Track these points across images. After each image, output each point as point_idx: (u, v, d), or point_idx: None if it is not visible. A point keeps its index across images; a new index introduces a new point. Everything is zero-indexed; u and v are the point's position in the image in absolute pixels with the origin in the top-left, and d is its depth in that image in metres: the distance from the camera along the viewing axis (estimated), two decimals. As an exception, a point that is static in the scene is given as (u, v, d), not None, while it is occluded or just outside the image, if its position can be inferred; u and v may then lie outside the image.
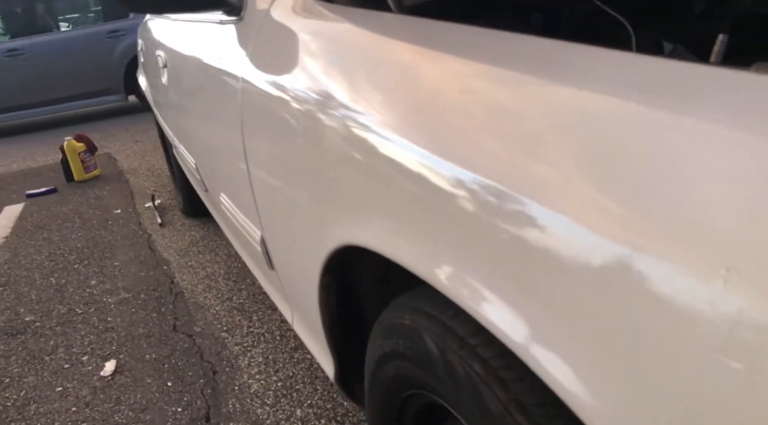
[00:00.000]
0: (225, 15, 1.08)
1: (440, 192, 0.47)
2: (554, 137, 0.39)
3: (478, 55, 0.51)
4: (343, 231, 0.64)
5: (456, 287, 0.47)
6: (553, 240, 0.37)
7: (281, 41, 0.83)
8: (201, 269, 2.14)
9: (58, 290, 2.12)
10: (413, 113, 0.53)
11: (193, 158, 1.53)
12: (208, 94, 1.13)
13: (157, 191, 3.18)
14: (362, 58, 0.65)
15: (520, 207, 0.40)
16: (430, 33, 0.61)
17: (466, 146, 0.46)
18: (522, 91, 0.44)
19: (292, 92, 0.75)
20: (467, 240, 0.45)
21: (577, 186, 0.36)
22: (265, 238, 0.95)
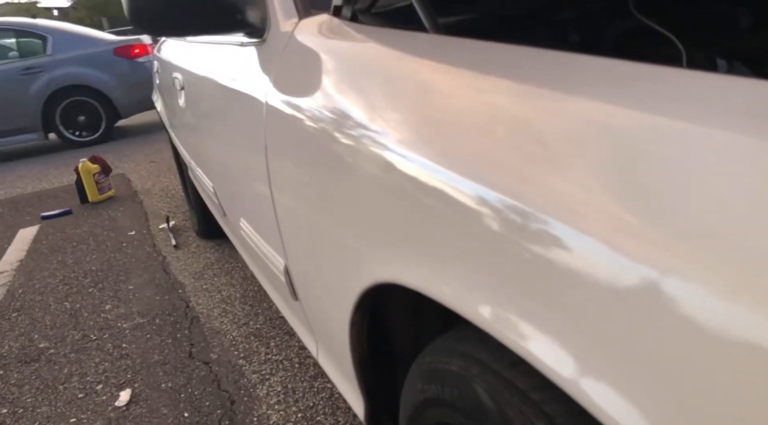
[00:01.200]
0: (246, 37, 1.06)
1: (483, 226, 0.43)
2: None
3: (518, 77, 0.47)
4: (378, 267, 0.60)
5: (501, 327, 0.43)
6: (585, 264, 0.35)
7: (308, 64, 0.80)
8: (216, 292, 2.10)
9: (72, 316, 2.09)
10: (456, 141, 0.49)
11: (210, 181, 1.50)
12: (228, 118, 1.10)
13: (172, 212, 3.16)
14: (396, 82, 0.62)
15: (557, 234, 0.38)
16: (467, 53, 0.57)
17: (515, 177, 0.41)
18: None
19: (321, 117, 0.71)
20: (507, 273, 0.42)
21: (606, 207, 0.35)
22: (290, 268, 0.91)
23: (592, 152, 0.37)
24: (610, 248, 0.34)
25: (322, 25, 0.82)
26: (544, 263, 0.38)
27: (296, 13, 0.90)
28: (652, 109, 0.36)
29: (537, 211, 0.39)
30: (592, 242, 0.35)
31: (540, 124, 0.42)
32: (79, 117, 5.60)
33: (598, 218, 0.35)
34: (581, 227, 0.36)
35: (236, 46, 1.12)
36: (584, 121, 0.39)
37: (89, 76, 5.48)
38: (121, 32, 18.41)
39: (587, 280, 0.35)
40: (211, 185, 1.50)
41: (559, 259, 0.37)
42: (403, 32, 0.69)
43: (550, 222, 0.38)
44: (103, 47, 5.57)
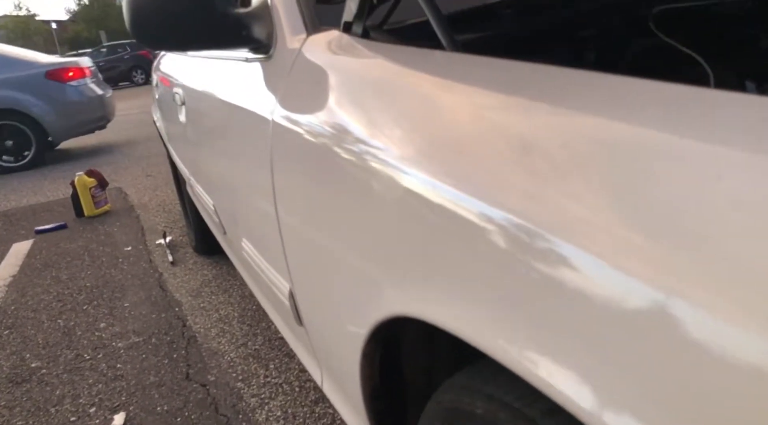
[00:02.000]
0: (251, 52, 1.03)
1: (508, 255, 0.40)
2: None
3: (543, 97, 0.45)
4: (395, 298, 0.56)
5: (527, 365, 0.39)
6: (604, 292, 0.34)
7: (318, 82, 0.77)
8: (214, 311, 2.06)
9: (65, 334, 2.03)
10: (477, 163, 0.46)
11: (211, 198, 1.46)
12: (232, 135, 1.07)
13: (168, 227, 3.12)
14: (412, 101, 0.59)
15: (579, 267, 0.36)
16: (487, 72, 0.54)
17: (543, 203, 0.39)
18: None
19: (331, 136, 0.68)
20: (530, 307, 0.39)
21: (622, 231, 0.34)
22: (295, 292, 0.87)
23: (604, 170, 0.36)
24: (626, 274, 0.33)
25: (332, 42, 0.79)
26: (566, 294, 0.36)
27: (304, 29, 0.87)
28: (659, 126, 0.35)
29: (573, 249, 0.36)
30: (614, 272, 0.34)
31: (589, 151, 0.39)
32: (7, 142, 5.38)
33: (624, 248, 0.33)
34: (610, 260, 0.34)
35: (240, 61, 1.09)
36: (591, 138, 0.38)
37: (17, 101, 5.26)
38: (119, 45, 18.52)
39: (604, 307, 0.34)
40: (211, 202, 1.47)
41: (583, 291, 0.35)
42: (418, 49, 0.66)
43: (580, 256, 0.36)
44: (35, 70, 5.36)
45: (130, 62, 17.64)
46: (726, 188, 0.30)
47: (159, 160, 4.97)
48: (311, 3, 0.90)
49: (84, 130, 5.78)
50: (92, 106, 5.66)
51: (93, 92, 5.69)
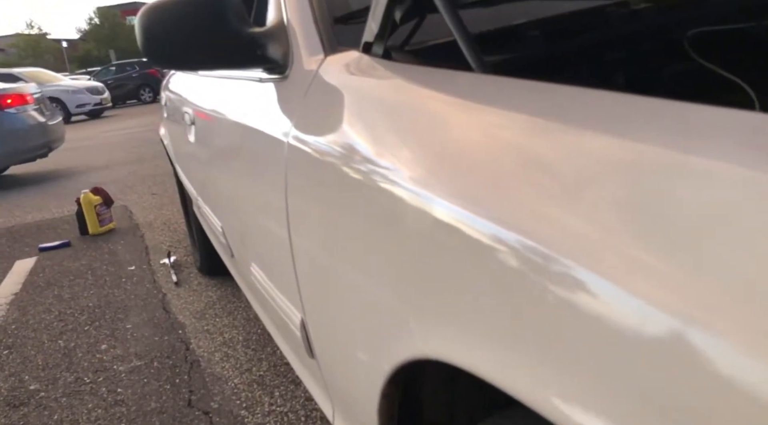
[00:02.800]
0: (265, 73, 1.00)
1: (538, 291, 0.37)
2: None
3: (580, 123, 0.42)
4: (418, 338, 0.52)
5: (562, 412, 0.35)
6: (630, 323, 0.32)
7: (336, 104, 0.74)
8: (218, 334, 2.01)
9: (66, 355, 1.99)
10: (508, 192, 0.42)
11: (219, 220, 1.43)
12: (244, 156, 1.04)
13: (173, 246, 3.09)
14: (439, 125, 0.55)
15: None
16: (519, 94, 0.51)
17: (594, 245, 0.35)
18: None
19: (351, 162, 0.65)
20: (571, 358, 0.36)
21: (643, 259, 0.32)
22: (307, 323, 0.83)
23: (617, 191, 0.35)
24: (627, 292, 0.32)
25: (351, 63, 0.77)
26: (599, 333, 0.34)
27: (322, 50, 0.85)
28: (673, 146, 0.34)
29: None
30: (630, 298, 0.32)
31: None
32: None
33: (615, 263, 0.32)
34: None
35: (254, 82, 1.06)
36: (606, 159, 0.37)
37: None
38: (127, 64, 18.72)
39: (636, 343, 0.32)
40: (219, 224, 1.43)
41: (618, 328, 0.33)
42: (444, 71, 0.63)
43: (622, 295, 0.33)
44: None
45: (138, 81, 17.80)
46: (747, 212, 0.29)
47: (165, 178, 4.96)
48: (329, 23, 0.88)
49: (23, 158, 5.68)
50: (32, 133, 5.57)
51: (34, 120, 5.61)
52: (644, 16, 0.83)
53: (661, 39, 0.80)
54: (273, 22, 0.97)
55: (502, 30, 0.84)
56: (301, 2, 0.93)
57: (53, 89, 13.86)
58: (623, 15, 0.83)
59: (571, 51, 0.78)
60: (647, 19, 0.83)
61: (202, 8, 0.90)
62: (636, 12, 0.84)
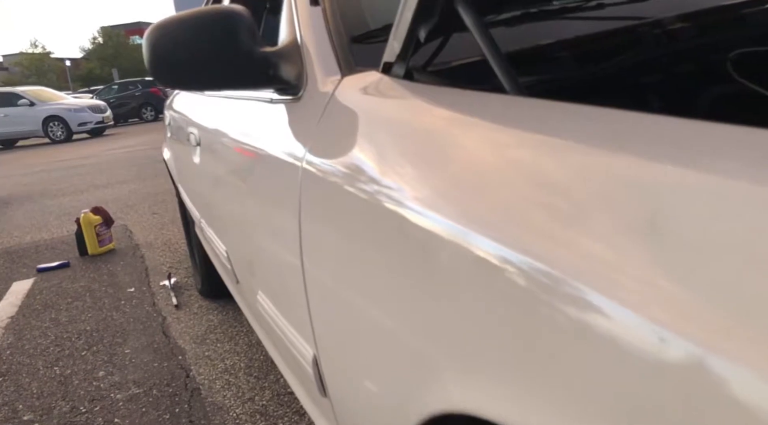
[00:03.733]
0: (277, 93, 0.96)
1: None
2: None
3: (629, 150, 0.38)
4: (453, 390, 0.47)
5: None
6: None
7: (353, 127, 0.69)
8: (219, 361, 1.95)
9: (62, 383, 1.92)
10: (544, 226, 0.38)
11: (224, 244, 1.38)
12: (254, 180, 0.99)
13: (173, 267, 3.03)
14: (465, 151, 0.51)
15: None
16: (555, 119, 0.46)
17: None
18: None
19: (369, 188, 0.60)
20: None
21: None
22: (320, 360, 0.77)
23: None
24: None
25: (371, 85, 0.72)
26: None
27: (338, 70, 0.81)
28: (693, 166, 0.33)
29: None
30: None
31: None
32: None
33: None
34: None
35: (265, 102, 1.02)
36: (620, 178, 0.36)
37: None
38: (130, 83, 18.81)
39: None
40: (224, 248, 1.38)
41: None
42: (473, 93, 0.58)
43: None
44: None
45: (141, 99, 17.88)
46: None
47: (166, 197, 4.92)
48: (345, 42, 0.84)
49: None
50: None
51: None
52: (683, 35, 0.80)
53: (703, 60, 0.76)
54: (286, 41, 0.94)
55: (531, 50, 0.80)
56: (316, 20, 0.90)
57: (55, 108, 13.93)
58: (659, 35, 0.79)
59: (607, 72, 0.74)
60: (686, 39, 0.79)
61: (212, 26, 0.86)
62: (672, 32, 0.80)
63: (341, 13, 0.89)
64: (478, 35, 0.58)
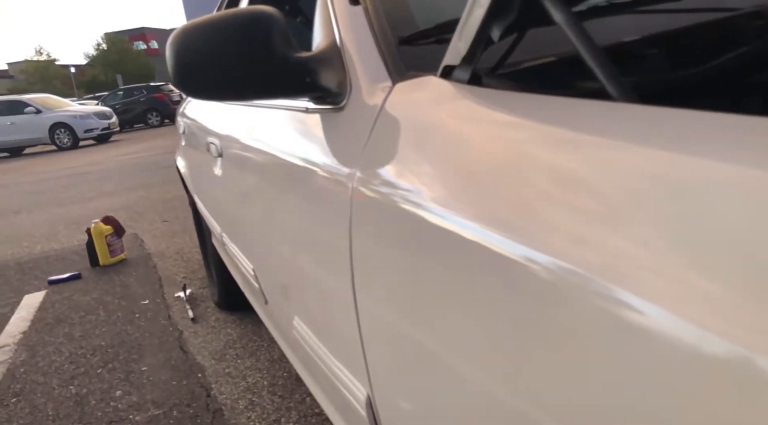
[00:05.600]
0: (313, 102, 0.88)
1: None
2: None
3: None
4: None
5: None
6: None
7: (415, 142, 0.61)
8: (241, 379, 1.87)
9: (78, 403, 1.85)
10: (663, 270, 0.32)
11: (250, 262, 1.30)
12: (291, 197, 0.91)
13: (188, 277, 2.96)
14: (556, 167, 0.43)
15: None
16: (677, 132, 0.38)
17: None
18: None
19: (439, 213, 0.52)
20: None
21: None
22: (375, 401, 0.69)
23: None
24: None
25: (431, 92, 0.64)
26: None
27: (388, 76, 0.72)
28: (730, 159, 0.32)
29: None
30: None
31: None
32: None
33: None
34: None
35: (298, 112, 0.94)
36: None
37: None
38: (135, 88, 18.80)
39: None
40: (250, 266, 1.30)
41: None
42: (563, 100, 0.49)
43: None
44: None
45: (145, 105, 17.88)
46: None
47: (175, 204, 4.86)
48: (393, 44, 0.76)
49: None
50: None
51: None
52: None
53: None
54: (324, 45, 0.85)
55: (625, 46, 0.71)
56: (358, 21, 0.81)
57: (61, 115, 13.94)
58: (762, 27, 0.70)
59: (722, 70, 0.65)
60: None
61: (243, 31, 0.78)
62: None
63: (385, 13, 0.80)
64: (570, 29, 0.49)
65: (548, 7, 0.51)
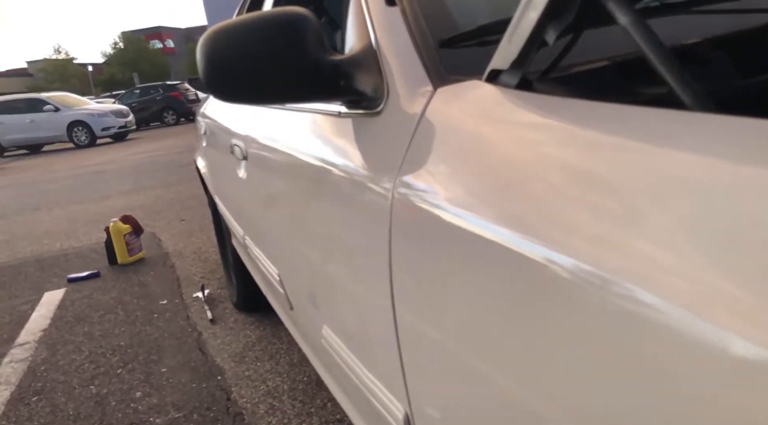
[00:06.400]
0: (346, 106, 0.86)
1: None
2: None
3: None
4: None
5: None
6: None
7: (461, 150, 0.58)
8: (261, 382, 1.85)
9: (98, 404, 1.84)
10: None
11: (275, 267, 1.28)
12: (324, 204, 0.89)
13: (206, 277, 2.96)
14: (608, 184, 0.40)
15: None
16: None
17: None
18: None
19: (491, 229, 0.49)
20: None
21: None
22: (414, 419, 0.67)
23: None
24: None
25: (477, 98, 0.61)
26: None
27: (428, 80, 0.70)
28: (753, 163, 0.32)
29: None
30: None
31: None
32: None
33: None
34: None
35: (330, 116, 0.92)
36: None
37: None
38: (151, 87, 18.94)
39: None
40: (275, 271, 1.28)
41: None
42: (634, 108, 0.46)
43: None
44: None
45: (162, 103, 18.01)
46: None
47: (192, 203, 4.88)
48: (433, 47, 0.73)
49: None
50: None
51: None
52: None
53: None
54: (358, 48, 0.83)
55: (691, 47, 0.67)
56: (395, 23, 0.79)
57: (79, 113, 14.09)
58: None
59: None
60: None
61: (277, 33, 0.76)
62: None
63: (423, 15, 0.78)
64: (636, 31, 0.46)
65: (612, 8, 0.48)
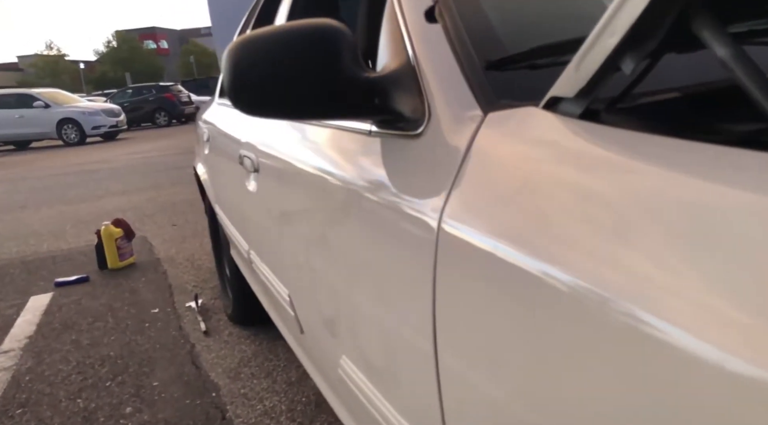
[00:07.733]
0: (377, 126, 0.81)
1: None
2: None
3: None
4: None
5: None
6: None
7: (520, 183, 0.54)
8: (258, 401, 1.79)
9: (86, 419, 1.77)
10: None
11: (285, 287, 1.22)
12: (350, 225, 0.84)
13: (198, 286, 2.88)
14: (681, 227, 0.37)
15: None
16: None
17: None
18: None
19: (548, 269, 0.45)
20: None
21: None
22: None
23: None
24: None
25: (536, 126, 0.57)
26: None
27: (476, 104, 0.65)
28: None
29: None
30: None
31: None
32: None
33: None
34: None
35: (359, 134, 0.87)
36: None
37: None
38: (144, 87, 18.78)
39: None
40: (285, 291, 1.22)
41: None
42: (720, 148, 0.41)
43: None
44: None
45: (154, 104, 17.87)
46: None
47: (184, 208, 4.80)
48: (480, 68, 0.69)
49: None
50: None
51: None
52: None
53: None
54: (395, 65, 0.78)
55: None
56: (436, 41, 0.74)
57: (70, 110, 13.92)
58: None
59: None
60: None
61: (311, 46, 0.72)
62: None
63: (468, 34, 0.73)
64: (736, 63, 0.41)
65: (707, 37, 0.43)
